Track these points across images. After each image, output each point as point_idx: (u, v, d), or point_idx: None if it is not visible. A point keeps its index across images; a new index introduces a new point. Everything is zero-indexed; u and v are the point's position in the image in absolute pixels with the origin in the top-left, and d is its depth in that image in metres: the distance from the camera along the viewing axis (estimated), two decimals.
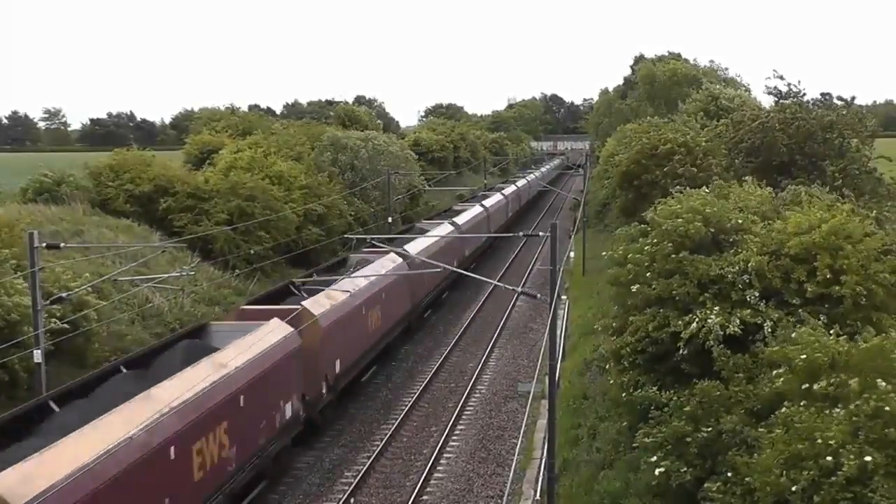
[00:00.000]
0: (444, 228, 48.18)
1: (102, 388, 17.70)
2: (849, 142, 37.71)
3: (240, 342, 20.26)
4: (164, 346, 20.60)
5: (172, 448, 16.32)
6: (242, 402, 19.32)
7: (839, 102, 40.63)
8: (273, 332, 21.97)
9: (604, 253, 24.42)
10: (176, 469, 16.51)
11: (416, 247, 38.98)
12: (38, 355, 18.94)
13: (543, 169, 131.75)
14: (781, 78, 43.27)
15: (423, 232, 45.28)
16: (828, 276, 17.28)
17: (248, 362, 19.76)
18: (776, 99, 43.33)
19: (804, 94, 42.66)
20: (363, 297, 29.34)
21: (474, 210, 59.76)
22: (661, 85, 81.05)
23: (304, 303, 24.88)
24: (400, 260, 34.75)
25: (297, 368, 22.98)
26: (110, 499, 14.15)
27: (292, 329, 22.71)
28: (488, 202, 65.52)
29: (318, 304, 25.63)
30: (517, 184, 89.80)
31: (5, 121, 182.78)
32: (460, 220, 53.33)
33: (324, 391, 25.21)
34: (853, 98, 40.51)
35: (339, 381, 26.68)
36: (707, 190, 22.82)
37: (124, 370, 18.80)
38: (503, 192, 77.21)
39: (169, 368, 18.59)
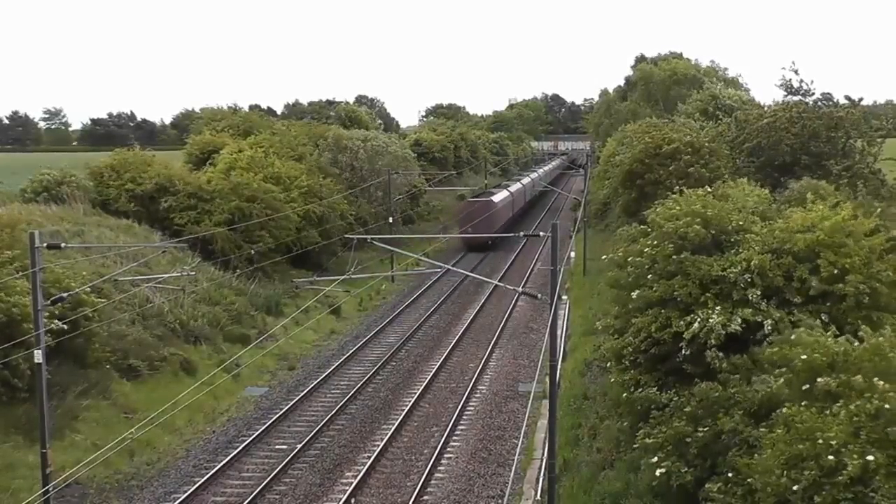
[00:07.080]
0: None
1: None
2: (854, 141, 37.63)
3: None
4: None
5: (512, 201, 75.80)
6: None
7: (845, 102, 40.48)
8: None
9: (604, 256, 24.38)
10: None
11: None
12: (38, 355, 18.93)
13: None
14: (796, 73, 42.80)
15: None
16: (833, 273, 17.24)
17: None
18: (785, 93, 43.09)
19: (812, 94, 42.53)
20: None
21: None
22: (657, 86, 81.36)
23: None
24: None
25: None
26: (507, 206, 72.64)
27: None
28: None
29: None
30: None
31: (6, 121, 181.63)
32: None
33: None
34: (860, 98, 40.40)
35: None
36: (709, 189, 22.76)
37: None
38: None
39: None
